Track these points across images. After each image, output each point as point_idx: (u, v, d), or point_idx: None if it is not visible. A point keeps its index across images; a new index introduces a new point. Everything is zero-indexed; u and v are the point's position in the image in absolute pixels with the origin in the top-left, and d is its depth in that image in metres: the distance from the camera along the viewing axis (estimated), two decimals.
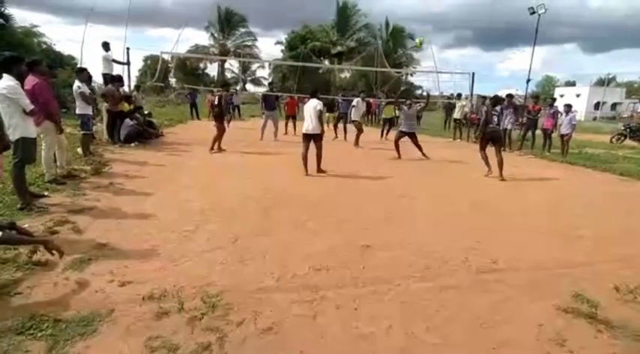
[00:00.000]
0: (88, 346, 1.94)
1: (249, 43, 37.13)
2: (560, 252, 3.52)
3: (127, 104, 8.59)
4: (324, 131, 6.43)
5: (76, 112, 6.65)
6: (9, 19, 15.54)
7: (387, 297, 2.58)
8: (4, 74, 3.73)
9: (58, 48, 18.91)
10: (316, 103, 6.30)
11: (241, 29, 36.91)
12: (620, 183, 7.04)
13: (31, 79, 4.27)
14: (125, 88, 9.65)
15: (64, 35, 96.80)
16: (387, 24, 34.70)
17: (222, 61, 35.57)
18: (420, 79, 35.87)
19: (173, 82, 34.59)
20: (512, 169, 7.15)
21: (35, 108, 3.91)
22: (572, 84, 52.11)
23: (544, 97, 26.28)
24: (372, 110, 18.00)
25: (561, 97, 35.30)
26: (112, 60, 9.35)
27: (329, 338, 2.12)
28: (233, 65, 36.89)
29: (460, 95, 14.48)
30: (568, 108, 9.81)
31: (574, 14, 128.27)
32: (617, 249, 3.65)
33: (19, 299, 2.32)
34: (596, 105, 39.39)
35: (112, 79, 8.73)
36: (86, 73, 6.91)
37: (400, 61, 33.68)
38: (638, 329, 2.28)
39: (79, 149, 6.76)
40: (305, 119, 6.40)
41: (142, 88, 13.24)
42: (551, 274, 3.02)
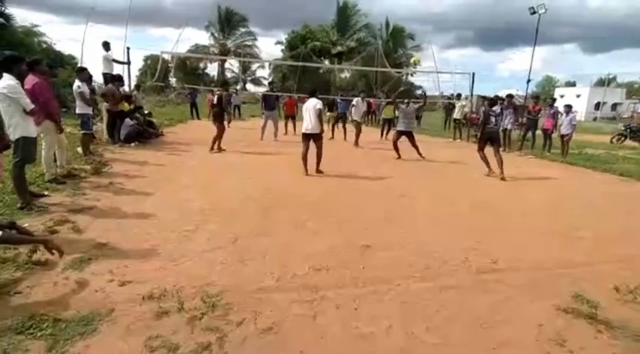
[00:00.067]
0: (87, 345, 1.94)
1: (249, 42, 37.28)
2: (560, 252, 3.52)
3: (127, 104, 8.58)
4: (323, 130, 6.43)
5: (76, 111, 6.65)
6: (9, 18, 15.54)
7: (387, 297, 2.58)
8: (4, 73, 3.73)
9: (58, 47, 18.97)
10: (316, 102, 6.29)
11: (241, 29, 37.07)
12: (620, 183, 7.04)
13: (32, 78, 4.27)
14: (125, 87, 9.64)
15: (64, 35, 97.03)
16: (387, 24, 34.86)
17: (223, 61, 35.60)
18: (421, 79, 35.87)
19: (173, 81, 34.54)
20: (512, 169, 7.14)
21: (35, 107, 3.91)
22: (573, 84, 52.20)
23: (544, 97, 26.30)
24: (373, 110, 18.00)
25: (561, 97, 35.40)
26: (113, 59, 9.35)
27: (329, 338, 2.12)
28: (233, 65, 37.04)
29: (460, 95, 14.50)
30: (568, 108, 9.82)
31: (574, 14, 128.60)
32: (617, 249, 3.65)
33: (18, 299, 2.32)
34: (597, 105, 39.46)
35: (112, 78, 8.72)
36: (86, 72, 6.91)
37: (400, 61, 33.70)
38: (638, 329, 2.28)
39: (79, 149, 6.77)
40: (304, 119, 6.39)
41: (142, 87, 13.22)
42: (551, 274, 3.02)
